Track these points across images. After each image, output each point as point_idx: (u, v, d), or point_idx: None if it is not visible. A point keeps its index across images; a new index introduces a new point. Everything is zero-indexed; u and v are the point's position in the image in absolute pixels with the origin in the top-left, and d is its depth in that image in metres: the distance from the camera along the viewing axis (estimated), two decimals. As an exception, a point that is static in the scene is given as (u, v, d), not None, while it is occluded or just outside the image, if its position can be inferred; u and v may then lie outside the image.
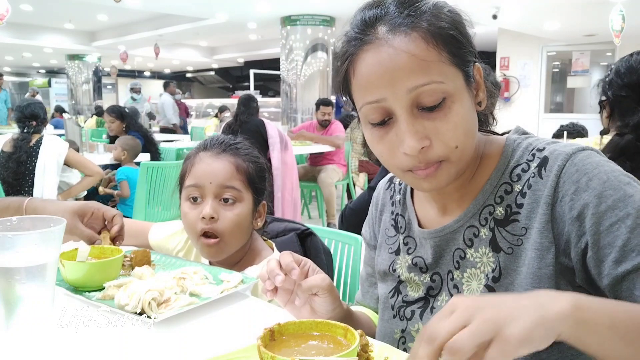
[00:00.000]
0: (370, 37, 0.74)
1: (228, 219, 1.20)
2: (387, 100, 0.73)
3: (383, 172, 2.26)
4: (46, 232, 0.76)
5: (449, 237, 0.85)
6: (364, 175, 5.82)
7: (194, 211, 1.21)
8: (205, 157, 1.24)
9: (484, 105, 0.81)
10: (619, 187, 0.71)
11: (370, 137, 0.79)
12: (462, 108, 0.75)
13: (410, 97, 0.72)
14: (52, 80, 18.75)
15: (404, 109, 0.73)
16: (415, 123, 0.73)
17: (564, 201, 0.73)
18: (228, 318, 0.94)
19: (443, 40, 0.73)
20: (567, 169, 0.74)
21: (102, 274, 1.01)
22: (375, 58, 0.73)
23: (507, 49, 10.62)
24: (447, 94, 0.73)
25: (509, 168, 0.81)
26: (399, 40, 0.72)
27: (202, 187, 1.21)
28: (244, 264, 1.27)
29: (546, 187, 0.75)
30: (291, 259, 0.83)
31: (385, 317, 0.94)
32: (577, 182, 0.73)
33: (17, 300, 0.75)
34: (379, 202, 1.03)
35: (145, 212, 3.76)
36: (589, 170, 0.73)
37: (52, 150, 3.40)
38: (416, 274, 0.90)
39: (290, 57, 8.74)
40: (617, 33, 6.87)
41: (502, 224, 0.80)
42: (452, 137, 0.74)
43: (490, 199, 0.82)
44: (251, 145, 1.32)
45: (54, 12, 10.64)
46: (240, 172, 1.22)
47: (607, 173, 0.72)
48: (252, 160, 1.26)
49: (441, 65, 0.73)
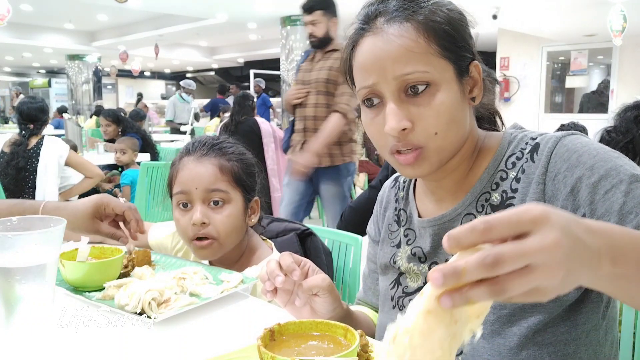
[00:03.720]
0: (369, 27, 0.80)
1: (219, 221, 1.19)
2: (378, 84, 0.79)
3: (383, 172, 2.26)
4: (46, 232, 0.76)
5: (447, 225, 0.87)
6: (364, 175, 5.82)
7: (184, 217, 1.20)
8: (188, 162, 1.22)
9: (478, 100, 0.84)
10: (609, 159, 0.74)
11: (364, 118, 0.84)
12: (447, 98, 0.78)
13: (397, 83, 0.78)
14: (52, 80, 18.75)
15: (391, 93, 0.78)
16: (400, 106, 0.78)
17: (557, 179, 0.76)
18: (228, 318, 0.94)
19: (435, 33, 0.77)
20: (557, 149, 0.78)
21: (102, 274, 1.01)
22: (371, 45, 0.79)
23: (507, 49, 10.61)
24: (432, 82, 0.77)
25: (504, 157, 0.84)
26: (392, 30, 0.78)
27: (189, 193, 1.19)
28: (243, 262, 1.27)
29: (537, 168, 0.78)
30: (292, 260, 0.83)
31: (385, 309, 0.95)
32: (568, 160, 0.76)
33: (17, 300, 0.75)
34: (384, 200, 1.05)
35: (145, 212, 3.76)
36: (578, 148, 0.76)
37: (53, 151, 3.39)
38: (415, 264, 0.92)
39: (290, 57, 8.74)
40: (617, 33, 6.87)
41: (498, 208, 0.82)
42: (432, 123, 0.78)
43: (487, 187, 0.84)
44: (236, 142, 1.30)
45: (54, 12, 10.64)
46: (224, 173, 1.21)
47: (597, 149, 0.76)
48: (237, 158, 1.24)
49: (429, 56, 0.77)
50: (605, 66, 10.55)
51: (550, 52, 10.50)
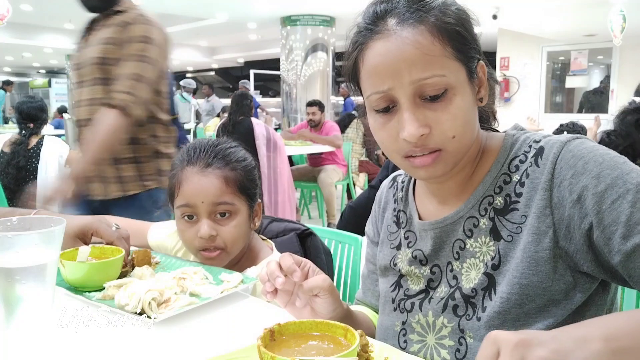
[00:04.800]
0: (380, 28, 0.77)
1: (227, 232, 1.18)
2: (392, 89, 0.76)
3: (383, 172, 2.26)
4: (46, 232, 0.76)
5: (449, 228, 0.86)
6: (364, 175, 5.83)
7: (190, 229, 1.18)
8: (192, 175, 1.18)
9: (485, 101, 0.83)
10: (616, 166, 0.73)
11: (373, 124, 0.82)
12: (463, 101, 0.77)
13: (413, 88, 0.76)
14: (52, 80, 18.74)
15: (407, 98, 0.76)
16: (416, 112, 0.76)
17: (563, 186, 0.75)
18: (228, 318, 0.94)
19: (449, 35, 0.76)
20: (562, 155, 0.77)
21: (102, 274, 1.01)
22: (384, 48, 0.76)
23: (507, 49, 10.61)
24: (449, 86, 0.76)
25: (507, 160, 0.83)
26: (407, 33, 0.75)
27: (195, 207, 1.17)
28: (244, 263, 1.27)
29: (543, 174, 0.77)
30: (292, 261, 0.83)
31: (386, 311, 0.95)
32: (574, 167, 0.75)
33: (17, 300, 0.75)
34: (382, 200, 1.04)
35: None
36: (584, 154, 0.75)
37: (53, 151, 3.40)
38: (416, 267, 0.91)
39: (290, 57, 8.74)
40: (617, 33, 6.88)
41: (501, 213, 0.81)
42: (450, 126, 0.77)
43: (490, 190, 0.83)
44: (236, 145, 1.27)
45: (54, 12, 10.63)
46: (230, 185, 1.19)
47: (603, 155, 0.75)
48: (241, 165, 1.22)
49: (444, 59, 0.75)
50: (605, 66, 10.56)
51: (550, 52, 10.50)
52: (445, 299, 0.84)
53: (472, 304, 0.81)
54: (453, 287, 0.84)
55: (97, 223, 1.14)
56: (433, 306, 0.86)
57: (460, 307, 0.82)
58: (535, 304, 0.76)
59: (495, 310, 0.77)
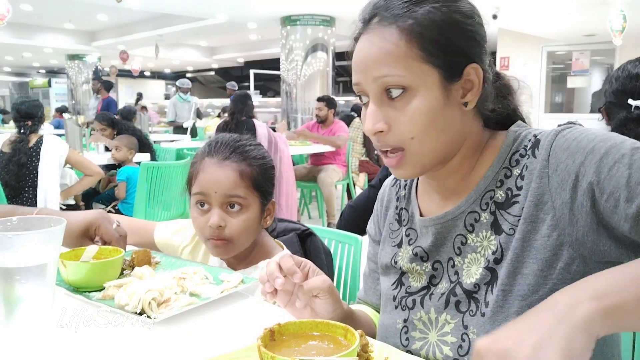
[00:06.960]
0: (365, 26, 0.81)
1: (235, 225, 1.21)
2: (362, 84, 0.81)
3: (383, 172, 2.26)
4: (46, 232, 0.76)
5: (450, 223, 0.86)
6: (364, 175, 5.83)
7: (202, 217, 1.23)
8: (209, 165, 1.23)
9: (471, 106, 0.81)
10: (608, 139, 0.74)
11: (362, 116, 0.85)
12: (423, 104, 0.77)
13: (377, 85, 0.79)
14: (52, 80, 18.75)
15: (373, 94, 0.80)
16: (380, 108, 0.80)
17: (560, 169, 0.76)
18: (228, 318, 0.94)
19: (419, 37, 0.76)
20: (556, 141, 0.78)
21: (102, 274, 1.01)
22: (360, 45, 0.81)
23: (507, 49, 10.62)
24: (408, 87, 0.77)
25: (509, 154, 0.84)
26: (379, 32, 0.78)
27: (208, 195, 1.22)
28: (253, 260, 1.29)
29: (539, 163, 0.78)
30: (292, 262, 0.83)
31: (387, 310, 0.95)
32: (568, 149, 0.76)
33: (17, 300, 0.75)
34: (385, 199, 1.04)
35: (145, 212, 3.76)
36: (576, 136, 0.77)
37: (53, 150, 3.40)
38: (418, 264, 0.91)
39: (290, 57, 8.75)
40: (617, 33, 6.88)
41: (502, 206, 0.81)
42: (407, 128, 0.78)
43: (492, 184, 0.84)
44: (257, 144, 1.31)
45: (54, 12, 10.65)
46: (244, 179, 1.22)
47: (594, 133, 0.76)
48: (258, 162, 1.26)
49: (409, 60, 0.77)
50: (607, 66, 10.55)
51: (550, 52, 10.50)
52: (447, 295, 0.85)
53: (475, 299, 0.81)
54: (454, 283, 0.84)
55: (101, 219, 1.15)
56: (434, 302, 0.86)
57: (462, 302, 0.82)
58: (537, 295, 0.76)
59: (498, 304, 0.77)
